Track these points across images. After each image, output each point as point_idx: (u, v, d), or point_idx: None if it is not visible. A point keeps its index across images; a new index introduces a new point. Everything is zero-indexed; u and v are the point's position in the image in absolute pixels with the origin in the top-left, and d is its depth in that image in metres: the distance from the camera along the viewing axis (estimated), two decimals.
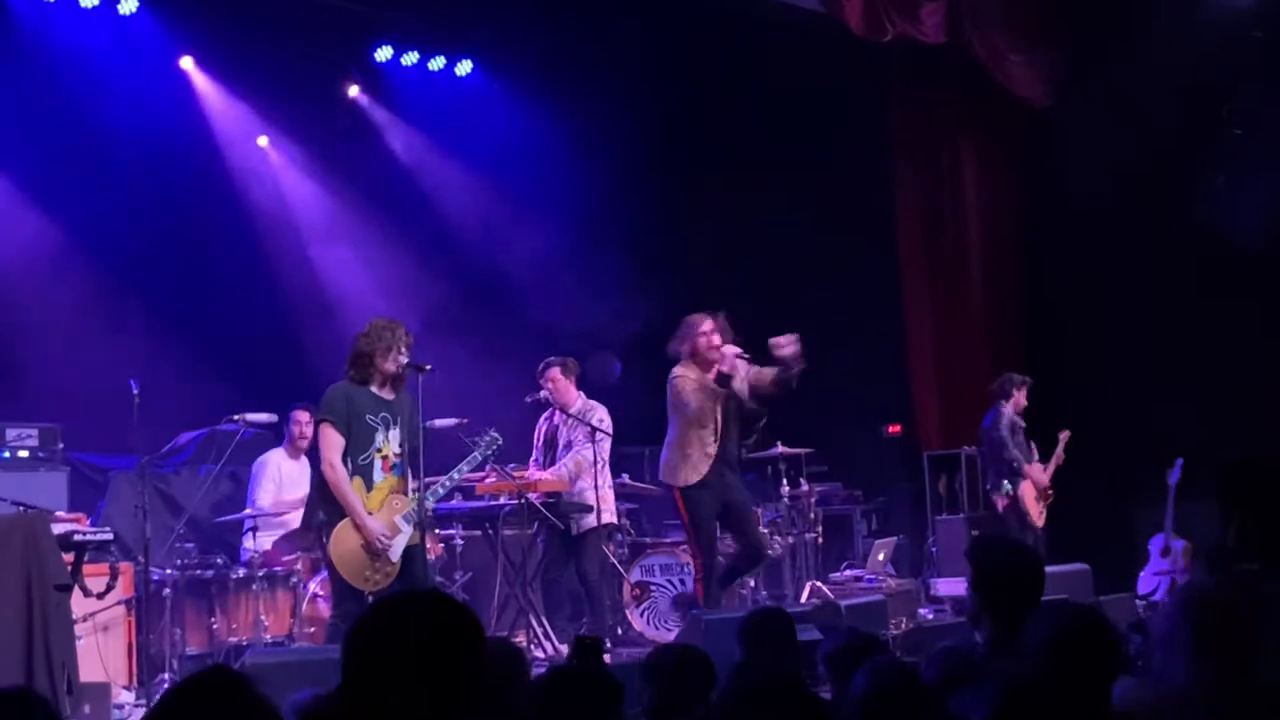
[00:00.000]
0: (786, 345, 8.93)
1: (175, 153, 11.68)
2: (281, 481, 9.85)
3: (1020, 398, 11.46)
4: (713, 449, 8.95)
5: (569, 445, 9.87)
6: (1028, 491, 11.30)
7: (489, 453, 8.33)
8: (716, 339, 8.97)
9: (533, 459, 10.01)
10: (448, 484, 8.02)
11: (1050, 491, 11.45)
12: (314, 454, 7.96)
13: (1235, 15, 12.18)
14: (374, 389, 7.55)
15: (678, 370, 9.07)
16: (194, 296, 11.59)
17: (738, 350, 8.94)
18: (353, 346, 7.61)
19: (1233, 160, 12.27)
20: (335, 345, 7.88)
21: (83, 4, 11.17)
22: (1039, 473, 11.38)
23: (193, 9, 11.47)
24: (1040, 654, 3.76)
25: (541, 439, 10.08)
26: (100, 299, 11.06)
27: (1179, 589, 3.66)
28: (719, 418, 8.98)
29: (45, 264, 11.00)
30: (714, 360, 8.93)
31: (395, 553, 7.44)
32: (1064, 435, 11.58)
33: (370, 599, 7.12)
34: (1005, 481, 11.37)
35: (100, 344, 10.68)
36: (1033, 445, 11.53)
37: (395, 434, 7.56)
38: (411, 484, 7.65)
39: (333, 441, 7.41)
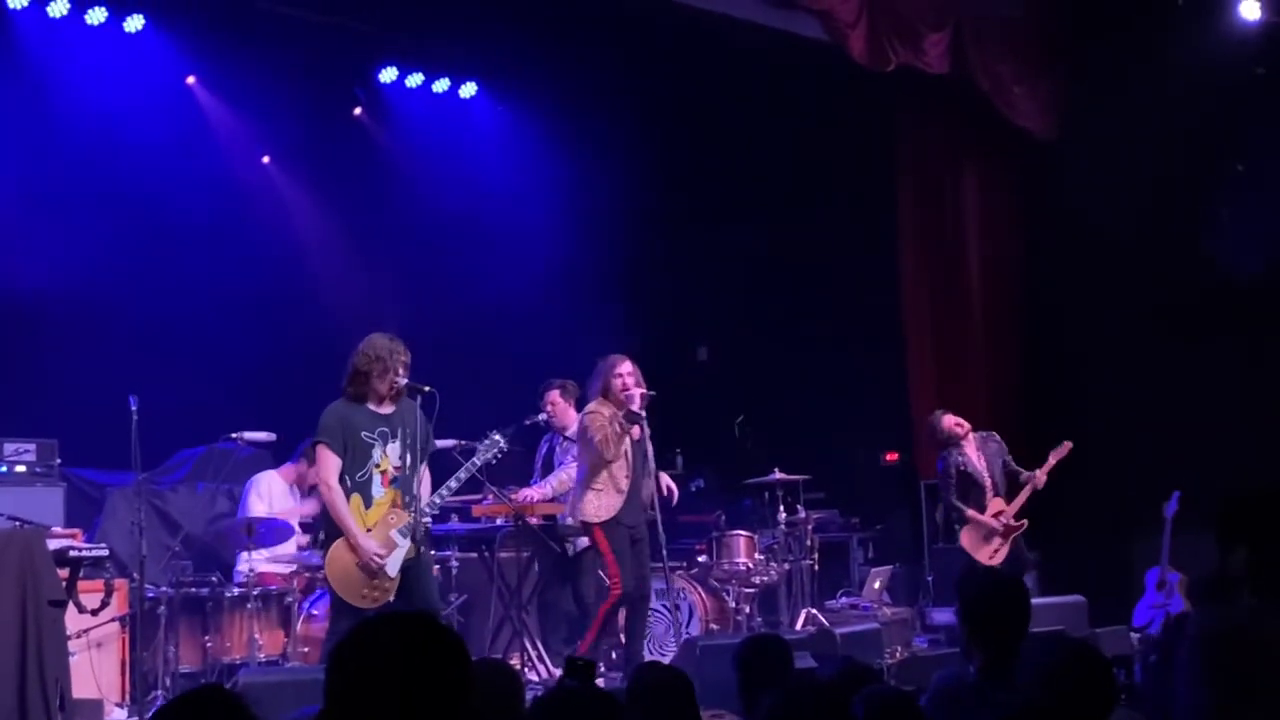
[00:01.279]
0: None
1: (179, 170, 11.68)
2: (272, 502, 9.83)
3: (959, 433, 10.84)
4: (624, 485, 8.81)
5: (562, 466, 9.90)
6: (968, 537, 10.73)
7: (490, 454, 8.29)
8: (631, 380, 8.88)
9: (533, 481, 10.02)
10: (454, 485, 7.99)
11: (1021, 523, 11.11)
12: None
13: (1238, 51, 12.21)
14: (370, 405, 7.59)
15: (590, 407, 8.99)
16: (194, 313, 11.60)
17: (644, 391, 8.87)
18: (351, 362, 7.63)
19: (1235, 194, 12.30)
20: (335, 364, 7.87)
21: (89, 21, 11.21)
22: (984, 519, 10.72)
23: (198, 27, 11.50)
24: (1033, 686, 3.76)
25: (541, 461, 10.11)
26: (100, 315, 11.06)
27: (1192, 623, 3.64)
28: (630, 458, 8.88)
29: (46, 279, 11.00)
30: (625, 401, 8.84)
31: (392, 568, 7.49)
32: (1056, 453, 10.73)
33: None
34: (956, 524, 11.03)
35: (99, 360, 10.68)
36: (986, 485, 10.86)
37: (395, 447, 7.60)
38: (422, 489, 7.71)
39: (328, 463, 7.47)
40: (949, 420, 10.92)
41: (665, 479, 9.42)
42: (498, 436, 8.35)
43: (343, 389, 7.63)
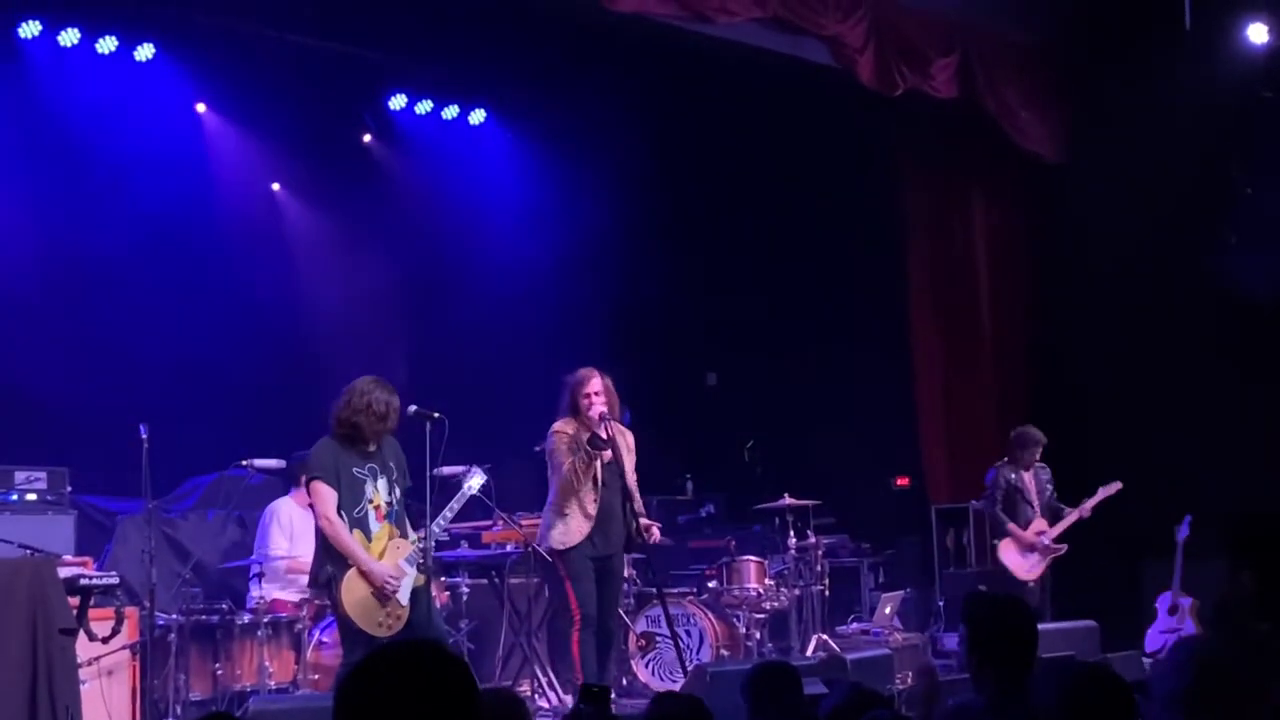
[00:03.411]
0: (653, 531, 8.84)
1: (189, 198, 11.74)
2: (294, 533, 9.78)
3: (1027, 458, 11.27)
4: (592, 509, 8.52)
5: None
6: (1007, 550, 11.08)
7: (477, 487, 8.21)
8: (599, 399, 8.55)
9: None
10: (441, 523, 7.98)
11: (1061, 546, 11.23)
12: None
13: (1245, 74, 12.23)
14: (358, 445, 7.65)
15: (556, 426, 8.67)
16: (204, 341, 11.62)
17: (603, 411, 8.51)
18: (338, 408, 7.64)
19: (1244, 217, 12.30)
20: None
21: (99, 50, 11.27)
22: (1024, 535, 11.07)
23: (208, 56, 11.56)
24: (1050, 712, 3.73)
25: None
26: (110, 342, 11.09)
27: (1179, 644, 3.63)
28: (599, 477, 8.56)
29: (56, 307, 11.05)
30: (592, 418, 8.53)
31: (404, 595, 7.55)
32: (1105, 490, 11.15)
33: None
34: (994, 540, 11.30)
35: (109, 387, 10.71)
36: (1034, 506, 11.24)
37: (383, 483, 7.66)
38: (412, 530, 7.80)
39: (325, 496, 7.50)
40: (1030, 455, 11.21)
41: (655, 531, 8.92)
42: (478, 470, 8.24)
43: (331, 430, 7.66)
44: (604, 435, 8.52)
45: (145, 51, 11.44)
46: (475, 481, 8.19)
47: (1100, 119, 12.95)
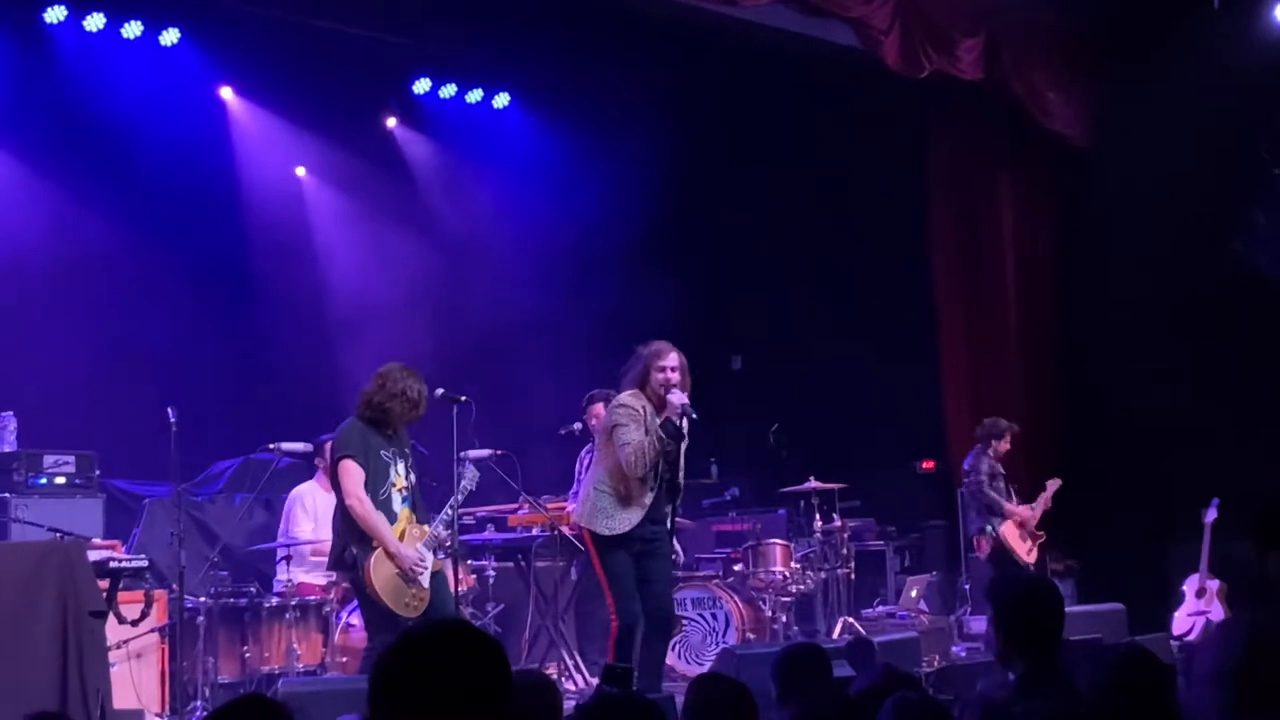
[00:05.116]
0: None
1: (214, 182, 11.78)
2: (318, 516, 9.77)
3: (1002, 445, 11.37)
4: (648, 500, 7.72)
5: None
6: (1010, 531, 11.19)
7: (472, 485, 8.03)
8: (675, 376, 7.74)
9: (572, 491, 9.90)
10: (447, 515, 7.92)
11: (1040, 534, 11.33)
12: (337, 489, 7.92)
13: (1273, 53, 12.16)
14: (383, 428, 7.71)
15: (624, 398, 7.79)
16: (230, 325, 11.66)
17: (684, 399, 7.68)
18: (370, 391, 7.66)
19: (1272, 197, 12.23)
20: (370, 375, 7.91)
21: (125, 35, 11.29)
22: (1025, 511, 11.26)
23: (233, 40, 11.56)
24: (1092, 695, 3.71)
25: (582, 471, 10.05)
26: (136, 326, 11.12)
27: (1223, 623, 3.61)
28: (661, 466, 7.74)
29: (82, 291, 11.09)
30: (664, 396, 7.69)
31: (425, 579, 7.61)
32: (1052, 484, 11.45)
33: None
34: (988, 524, 11.26)
35: (137, 372, 10.75)
36: (1012, 491, 11.43)
37: (403, 466, 7.72)
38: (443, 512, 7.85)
39: (355, 476, 7.51)
40: (1005, 442, 11.35)
41: (678, 549, 8.63)
42: (474, 469, 8.07)
43: (358, 411, 7.68)
44: (679, 421, 7.70)
45: (170, 36, 11.45)
46: (467, 481, 8.09)
47: (1127, 100, 12.89)
